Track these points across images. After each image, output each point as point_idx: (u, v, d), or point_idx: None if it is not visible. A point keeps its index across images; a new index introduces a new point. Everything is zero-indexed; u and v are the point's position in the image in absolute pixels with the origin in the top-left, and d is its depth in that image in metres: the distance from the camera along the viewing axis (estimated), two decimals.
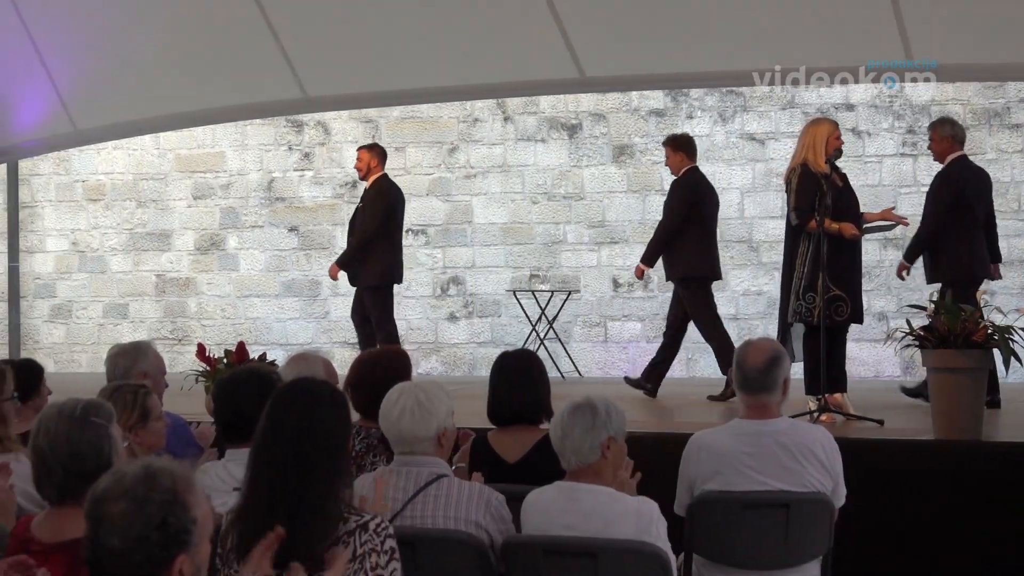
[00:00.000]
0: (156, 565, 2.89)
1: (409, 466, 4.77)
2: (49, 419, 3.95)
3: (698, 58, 9.50)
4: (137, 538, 2.87)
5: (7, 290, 16.93)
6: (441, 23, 10.26)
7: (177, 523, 2.91)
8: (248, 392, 5.13)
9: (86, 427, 3.91)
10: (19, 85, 12.07)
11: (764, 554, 5.46)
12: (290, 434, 3.89)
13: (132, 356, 6.46)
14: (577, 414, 4.79)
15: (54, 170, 16.80)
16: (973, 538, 7.43)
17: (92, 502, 2.94)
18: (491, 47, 10.13)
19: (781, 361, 5.54)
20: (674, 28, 9.57)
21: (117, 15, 11.22)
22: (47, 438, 3.89)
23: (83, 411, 3.96)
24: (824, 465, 5.46)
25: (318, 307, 15.90)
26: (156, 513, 2.89)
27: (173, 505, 2.91)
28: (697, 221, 10.89)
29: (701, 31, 9.47)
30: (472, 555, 4.68)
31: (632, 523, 4.65)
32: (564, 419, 4.79)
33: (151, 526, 2.88)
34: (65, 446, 3.86)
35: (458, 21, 10.14)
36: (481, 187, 15.63)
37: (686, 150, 11.11)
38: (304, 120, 15.94)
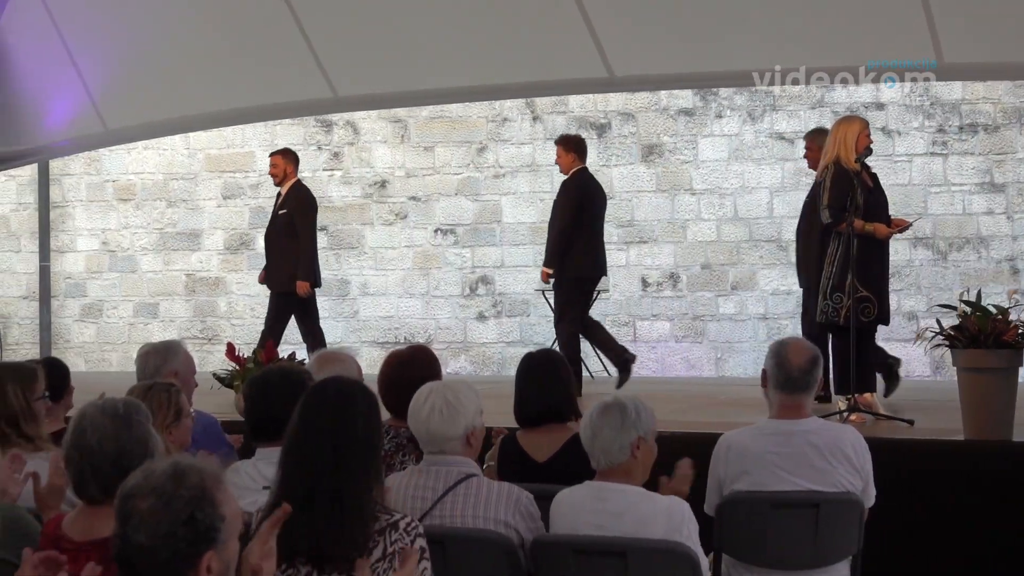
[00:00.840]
0: (183, 561, 2.89)
1: (438, 465, 4.77)
2: (93, 418, 3.95)
3: (722, 58, 9.50)
4: (164, 535, 2.88)
5: (38, 289, 17.01)
6: (470, 23, 10.26)
7: (205, 519, 2.91)
8: (279, 391, 5.14)
9: (132, 426, 3.93)
10: (50, 86, 12.12)
11: (794, 554, 5.45)
12: (324, 434, 3.89)
13: (163, 355, 6.48)
14: (607, 414, 4.78)
15: (85, 170, 16.87)
16: (1004, 538, 7.40)
17: (121, 498, 2.95)
18: (520, 47, 10.13)
19: (819, 360, 5.55)
20: (701, 27, 9.56)
21: (147, 15, 11.26)
22: (95, 436, 3.90)
23: (126, 410, 3.97)
24: (854, 465, 5.45)
25: (347, 306, 15.93)
26: (183, 509, 2.90)
27: (201, 501, 2.92)
28: (586, 222, 11.02)
29: (728, 30, 9.46)
30: (501, 554, 4.68)
31: (663, 523, 4.65)
32: (594, 419, 4.79)
33: (178, 522, 2.89)
34: (113, 444, 3.87)
35: (487, 21, 10.15)
36: (510, 187, 15.64)
37: (577, 151, 11.27)
38: (333, 120, 15.97)
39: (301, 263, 11.69)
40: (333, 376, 4.33)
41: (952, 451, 7.82)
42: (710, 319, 15.05)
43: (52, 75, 11.99)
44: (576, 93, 14.43)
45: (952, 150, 14.14)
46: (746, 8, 9.31)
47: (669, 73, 10.03)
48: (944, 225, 14.23)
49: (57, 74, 11.89)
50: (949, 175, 14.22)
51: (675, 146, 15.16)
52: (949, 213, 14.20)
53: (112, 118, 12.14)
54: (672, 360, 15.04)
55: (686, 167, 15.04)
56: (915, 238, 13.96)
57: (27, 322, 17.17)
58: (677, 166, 15.13)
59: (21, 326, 17.20)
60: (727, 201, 15.03)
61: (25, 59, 12.03)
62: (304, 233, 11.57)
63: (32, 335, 17.10)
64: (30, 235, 17.10)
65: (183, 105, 11.94)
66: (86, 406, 4.04)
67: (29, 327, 17.15)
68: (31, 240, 17.08)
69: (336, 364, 6.05)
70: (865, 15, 8.99)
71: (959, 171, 14.26)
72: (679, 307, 15.11)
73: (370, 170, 16.03)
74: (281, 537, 3.84)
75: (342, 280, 15.83)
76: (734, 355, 14.99)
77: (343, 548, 3.79)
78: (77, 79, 11.83)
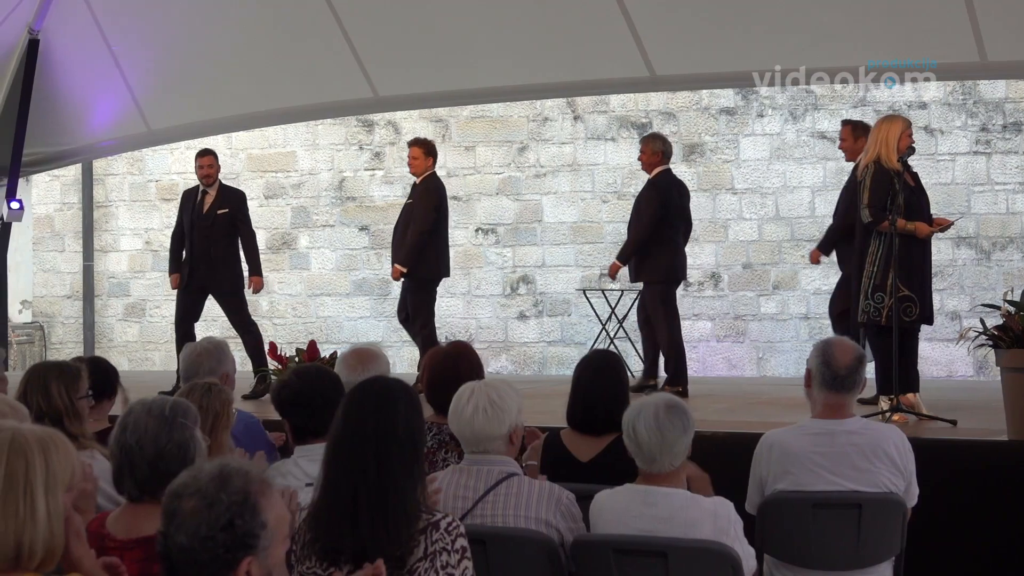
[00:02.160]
0: (221, 566, 2.90)
1: (480, 464, 4.78)
2: (138, 417, 3.97)
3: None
4: (203, 538, 2.89)
5: (82, 289, 17.12)
6: (511, 22, 10.27)
7: (244, 526, 2.91)
8: (319, 390, 5.16)
9: (174, 428, 3.94)
10: (94, 87, 12.20)
11: (836, 554, 5.43)
12: (368, 433, 3.90)
13: (217, 356, 6.48)
14: (673, 415, 4.70)
15: (128, 170, 16.96)
16: None
17: (169, 496, 2.97)
18: (561, 46, 10.13)
19: (865, 360, 5.54)
20: (745, 26, 9.54)
21: (190, 18, 11.32)
22: (135, 435, 3.92)
23: (171, 412, 3.99)
24: (897, 465, 5.43)
25: (388, 306, 15.94)
26: (223, 515, 2.91)
27: (242, 508, 2.92)
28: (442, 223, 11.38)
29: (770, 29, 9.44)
30: (543, 554, 4.68)
31: (710, 525, 4.63)
32: (661, 419, 4.68)
33: (217, 527, 2.90)
34: (152, 445, 3.89)
35: (528, 20, 10.15)
36: (551, 186, 15.64)
37: (435, 155, 11.47)
38: (375, 120, 16.00)
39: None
40: (376, 376, 4.33)
41: (995, 451, 7.78)
42: (751, 319, 15.02)
43: (96, 76, 12.06)
44: (617, 92, 14.41)
45: (995, 149, 14.06)
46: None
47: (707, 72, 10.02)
48: (987, 224, 14.15)
49: (101, 75, 11.96)
50: (992, 174, 14.14)
51: (716, 145, 15.13)
52: (992, 212, 14.12)
53: (155, 119, 12.21)
54: (713, 360, 15.01)
55: (727, 166, 15.01)
56: (958, 237, 13.89)
57: (71, 321, 17.28)
58: (718, 165, 15.10)
59: (65, 325, 17.31)
60: (768, 200, 14.99)
61: (70, 61, 12.11)
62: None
63: (76, 334, 17.20)
64: (74, 235, 17.21)
65: (225, 105, 12.00)
66: (135, 403, 4.06)
67: (73, 326, 17.26)
68: (75, 240, 17.19)
69: (367, 359, 6.06)
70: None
71: (1002, 170, 14.18)
72: (720, 307, 15.08)
73: None
74: (324, 535, 3.86)
75: (383, 279, 15.85)
76: (776, 355, 14.95)
77: (385, 547, 3.79)
78: (121, 80, 11.89)
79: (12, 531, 2.91)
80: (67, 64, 12.10)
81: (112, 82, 11.92)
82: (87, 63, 12.09)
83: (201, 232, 11.75)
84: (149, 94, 12.05)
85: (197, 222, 11.79)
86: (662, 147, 10.94)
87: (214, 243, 11.74)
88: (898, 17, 8.98)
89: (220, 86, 11.77)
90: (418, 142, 11.59)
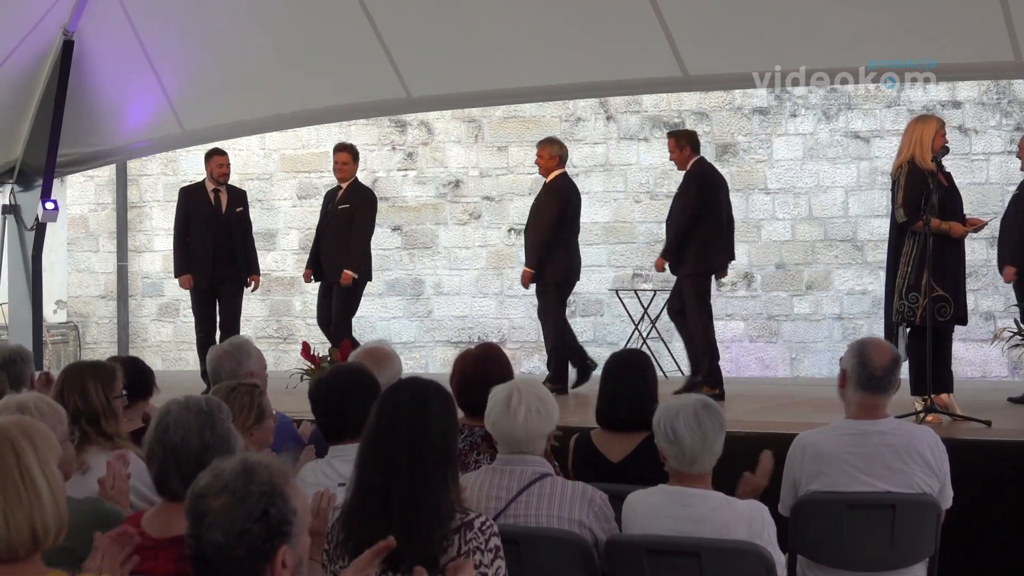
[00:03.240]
0: (259, 557, 2.91)
1: (513, 465, 4.78)
2: (177, 415, 4.00)
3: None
4: (240, 531, 2.90)
5: (116, 289, 17.20)
6: (544, 23, 10.27)
7: (278, 514, 2.93)
8: (346, 390, 5.17)
9: (215, 422, 3.97)
10: (129, 88, 12.27)
11: (869, 555, 5.41)
12: (402, 434, 3.90)
13: (237, 357, 6.53)
14: (711, 415, 4.70)
15: (162, 170, 17.04)
16: None
17: (193, 499, 2.97)
18: (594, 46, 10.13)
19: (900, 361, 5.53)
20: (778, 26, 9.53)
21: (224, 19, 11.36)
22: (179, 432, 3.94)
23: (208, 407, 4.02)
24: (931, 466, 5.41)
25: (421, 306, 15.99)
26: (256, 505, 2.92)
27: (273, 496, 2.94)
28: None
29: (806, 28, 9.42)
30: (576, 554, 4.68)
31: (744, 528, 4.62)
32: (702, 419, 4.67)
33: (252, 519, 2.91)
34: (197, 440, 3.91)
35: (561, 20, 10.15)
36: (584, 186, 15.61)
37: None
38: (407, 120, 16.03)
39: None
40: (411, 376, 4.34)
41: None
42: (784, 319, 14.99)
43: (130, 77, 12.13)
44: (650, 92, 14.40)
45: None
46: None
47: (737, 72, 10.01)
48: None
49: (135, 76, 12.02)
50: None
51: (749, 145, 15.10)
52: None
53: (189, 119, 12.27)
54: (746, 360, 14.98)
55: (760, 166, 14.98)
56: (992, 237, 13.79)
57: (105, 321, 17.36)
58: (751, 165, 15.07)
59: (99, 325, 17.40)
60: (802, 200, 14.96)
61: (104, 62, 12.17)
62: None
63: (110, 334, 17.29)
64: (108, 235, 17.30)
65: (259, 106, 12.04)
66: (169, 403, 4.08)
67: (107, 326, 17.34)
68: (109, 240, 17.27)
69: (384, 362, 6.07)
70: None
71: None
72: (753, 307, 15.05)
73: (444, 170, 16.08)
74: (356, 535, 3.87)
75: (416, 280, 15.89)
76: (809, 355, 14.91)
77: (418, 547, 3.80)
78: (155, 81, 11.95)
79: (23, 518, 2.94)
80: (101, 65, 12.17)
81: (146, 83, 11.97)
82: (121, 64, 12.15)
83: (221, 230, 11.80)
84: (183, 95, 12.10)
85: (214, 220, 11.83)
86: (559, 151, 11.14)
87: (234, 241, 11.83)
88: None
89: (254, 87, 11.81)
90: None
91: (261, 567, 2.92)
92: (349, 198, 11.77)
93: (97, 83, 12.20)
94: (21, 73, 12.02)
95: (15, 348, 7.08)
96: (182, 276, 11.94)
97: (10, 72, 11.86)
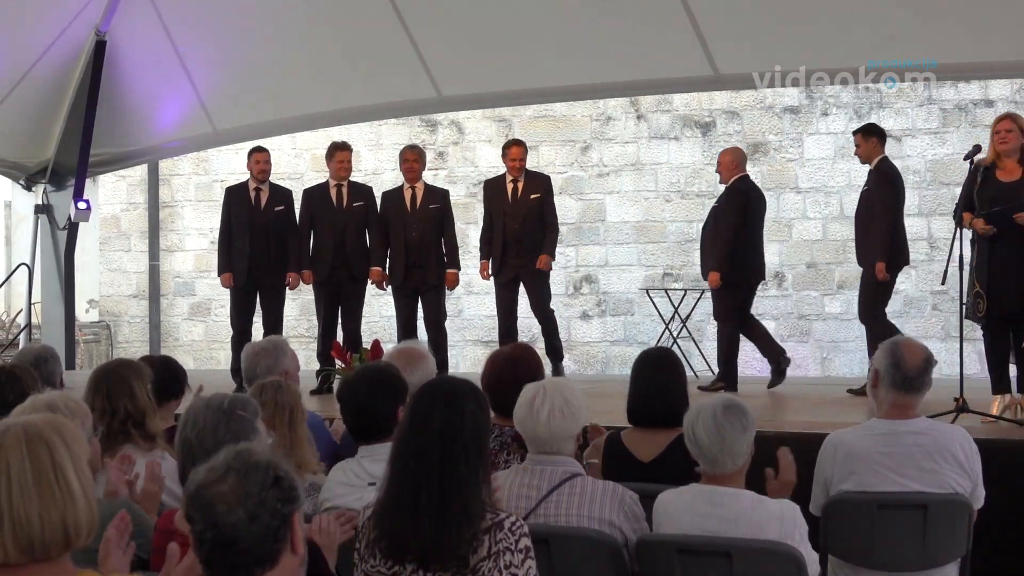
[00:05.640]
0: (280, 524, 2.93)
1: (543, 464, 4.78)
2: (197, 412, 4.05)
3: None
4: (259, 501, 2.91)
5: (148, 288, 17.27)
6: (574, 22, 10.28)
7: (286, 477, 2.96)
8: (374, 391, 5.18)
9: (232, 420, 4.00)
10: (161, 88, 12.33)
11: (901, 555, 5.40)
12: (435, 434, 3.91)
13: (273, 355, 6.56)
14: (732, 415, 4.69)
15: (193, 170, 17.10)
16: None
17: (196, 493, 2.95)
18: (625, 45, 10.14)
19: (932, 360, 5.50)
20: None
21: (255, 19, 11.41)
22: (195, 430, 3.98)
23: (230, 405, 4.04)
24: (963, 466, 5.39)
25: (451, 305, 15.97)
26: (265, 474, 2.94)
27: (273, 464, 2.97)
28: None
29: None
30: (606, 553, 4.68)
31: (776, 528, 4.61)
32: (720, 420, 4.67)
33: (267, 486, 2.92)
34: (211, 437, 3.94)
35: (591, 20, 10.17)
36: (614, 185, 15.63)
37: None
38: (438, 119, 16.04)
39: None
40: (444, 376, 4.35)
41: None
42: (815, 318, 14.95)
43: (162, 77, 12.19)
44: (681, 91, 14.38)
45: None
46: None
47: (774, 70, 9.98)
48: None
49: (167, 76, 12.08)
50: None
51: (780, 144, 15.07)
52: None
53: (221, 119, 12.32)
54: None
55: (791, 165, 14.95)
56: None
57: (137, 320, 17.43)
58: (782, 164, 15.04)
59: (131, 324, 17.47)
60: (833, 199, 14.93)
61: (136, 62, 12.24)
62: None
63: (142, 333, 17.36)
64: (140, 234, 17.37)
65: (290, 106, 12.09)
66: (195, 400, 4.12)
67: (139, 325, 17.41)
68: (141, 239, 17.34)
69: (417, 361, 6.08)
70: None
71: None
72: (784, 306, 15.02)
73: (474, 169, 16.08)
74: (388, 534, 3.88)
75: None
76: (840, 355, 14.87)
77: (447, 547, 3.81)
78: (187, 82, 12.01)
79: (57, 515, 2.96)
80: (133, 65, 12.23)
81: (178, 83, 12.03)
82: (153, 64, 12.21)
83: (259, 229, 11.71)
84: (215, 95, 12.16)
85: (252, 219, 11.75)
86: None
87: (273, 240, 11.71)
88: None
89: (285, 86, 11.85)
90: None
91: (283, 534, 2.94)
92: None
93: (129, 83, 12.27)
94: (54, 74, 12.10)
95: (44, 347, 7.15)
96: (223, 275, 11.92)
97: (43, 72, 11.94)
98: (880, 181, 10.29)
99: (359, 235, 11.71)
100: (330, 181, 11.82)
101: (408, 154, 11.78)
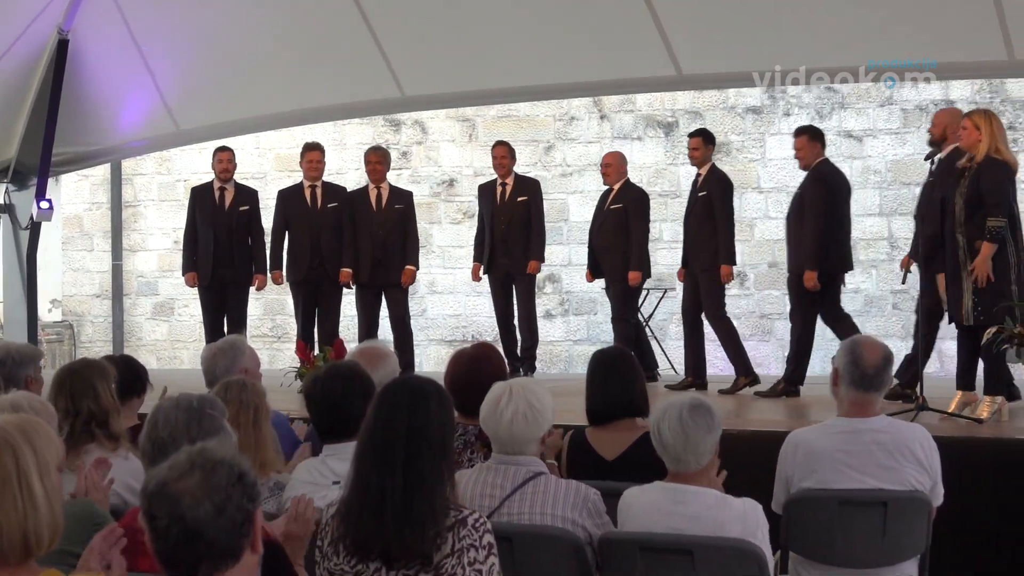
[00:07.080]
0: (245, 519, 2.92)
1: (507, 464, 4.79)
2: (167, 412, 4.04)
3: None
4: (225, 496, 2.89)
5: (111, 288, 17.21)
6: (537, 22, 10.30)
7: (249, 475, 2.95)
8: (342, 389, 5.19)
9: (204, 419, 4.01)
10: (124, 87, 12.28)
11: (861, 552, 5.44)
12: (400, 432, 3.93)
13: (230, 354, 6.54)
14: (697, 414, 4.71)
15: (156, 170, 17.05)
16: None
17: (158, 491, 2.90)
18: (588, 45, 10.17)
19: (892, 359, 5.54)
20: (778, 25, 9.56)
21: (219, 18, 11.38)
22: (167, 429, 3.98)
23: (199, 404, 4.05)
24: (922, 463, 5.43)
25: (415, 305, 15.98)
26: (230, 470, 2.92)
27: (236, 462, 2.96)
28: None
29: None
30: (569, 551, 4.70)
31: (738, 527, 4.64)
32: (685, 419, 4.69)
33: (231, 482, 2.91)
34: (184, 437, 3.93)
35: (555, 20, 10.18)
36: (577, 185, 15.66)
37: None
38: (402, 119, 16.04)
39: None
40: (408, 375, 4.36)
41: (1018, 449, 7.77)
42: (777, 317, 15.01)
43: (125, 77, 12.15)
44: (644, 92, 14.43)
45: (1022, 147, 14.01)
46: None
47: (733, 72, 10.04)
48: None
49: (130, 76, 12.04)
50: (1020, 172, 14.08)
51: (743, 144, 15.13)
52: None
53: (184, 119, 12.29)
54: None
55: (753, 165, 15.01)
56: None
57: (100, 320, 17.37)
58: (744, 164, 15.10)
59: (94, 324, 17.40)
60: None
61: (99, 61, 12.19)
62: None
63: (105, 333, 17.29)
64: (103, 234, 17.31)
65: (253, 105, 12.07)
66: (162, 401, 4.12)
67: (102, 325, 17.35)
68: (104, 239, 17.28)
69: (379, 360, 6.10)
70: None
71: None
72: (746, 305, 15.07)
73: (438, 169, 16.09)
74: (353, 531, 3.90)
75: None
76: None
77: (413, 545, 3.82)
78: (150, 80, 11.98)
79: (16, 523, 2.95)
80: (96, 64, 12.18)
81: (141, 82, 12.00)
82: (116, 63, 12.17)
83: (222, 228, 11.77)
84: (178, 94, 12.12)
85: (216, 218, 11.81)
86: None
87: (237, 239, 11.77)
88: (898, 17, 9.00)
89: (248, 86, 11.83)
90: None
91: (247, 529, 2.93)
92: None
93: (92, 82, 12.22)
94: (16, 72, 12.04)
95: (8, 347, 6.99)
96: (187, 274, 11.97)
97: (4, 71, 11.88)
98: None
99: (335, 236, 11.77)
100: (304, 182, 11.90)
101: (371, 156, 11.89)
